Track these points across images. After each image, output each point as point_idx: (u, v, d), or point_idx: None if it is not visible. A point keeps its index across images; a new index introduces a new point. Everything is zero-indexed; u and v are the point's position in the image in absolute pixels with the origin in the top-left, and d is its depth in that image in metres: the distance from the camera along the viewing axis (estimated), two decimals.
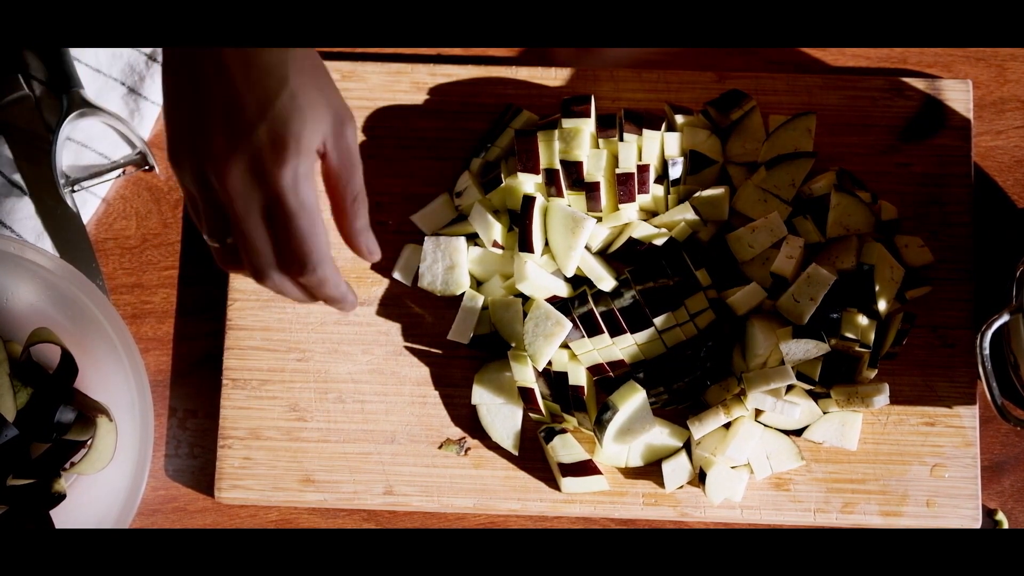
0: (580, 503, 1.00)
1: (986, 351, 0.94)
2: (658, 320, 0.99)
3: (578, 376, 1.00)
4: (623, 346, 0.99)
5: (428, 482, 1.00)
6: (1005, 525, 1.01)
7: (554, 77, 1.06)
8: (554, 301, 1.00)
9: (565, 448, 0.99)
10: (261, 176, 0.75)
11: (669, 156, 1.02)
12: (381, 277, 1.04)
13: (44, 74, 1.07)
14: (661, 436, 1.00)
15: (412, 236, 1.04)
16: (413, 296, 1.03)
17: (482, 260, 1.02)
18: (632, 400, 0.97)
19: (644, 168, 1.01)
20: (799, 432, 1.00)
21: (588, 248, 1.01)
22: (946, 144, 1.05)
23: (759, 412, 0.99)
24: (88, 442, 0.96)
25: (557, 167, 1.00)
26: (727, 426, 0.99)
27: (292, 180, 0.75)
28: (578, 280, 1.01)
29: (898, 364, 1.02)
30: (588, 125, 1.01)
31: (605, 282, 1.00)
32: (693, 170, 1.02)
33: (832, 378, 0.99)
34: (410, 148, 1.05)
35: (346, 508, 1.02)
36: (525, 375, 0.99)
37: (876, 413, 1.01)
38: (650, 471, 1.00)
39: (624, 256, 1.02)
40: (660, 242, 1.00)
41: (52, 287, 0.98)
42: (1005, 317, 0.95)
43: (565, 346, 0.99)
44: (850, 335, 0.98)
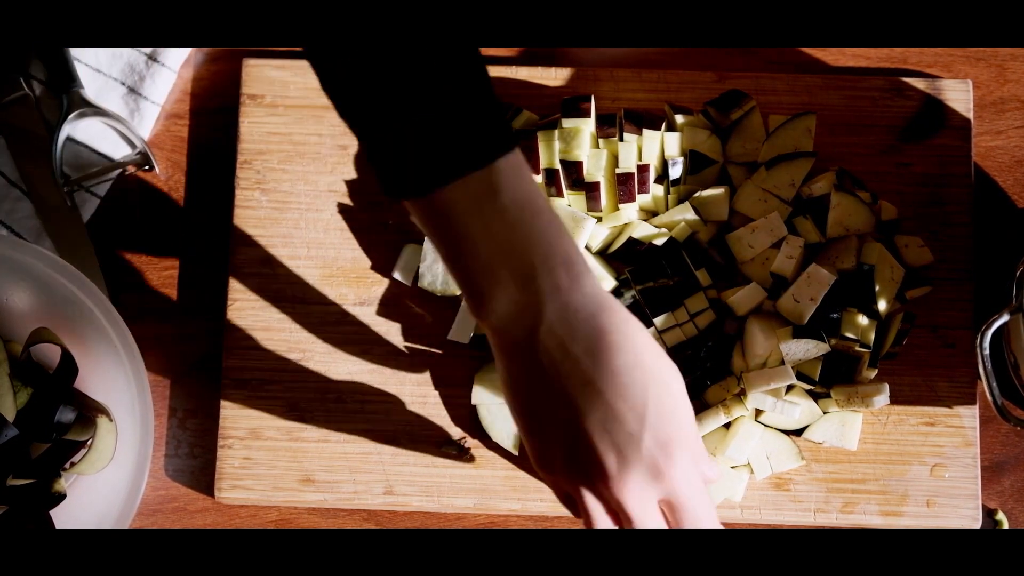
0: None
1: (986, 351, 0.94)
2: (658, 320, 0.99)
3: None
4: None
5: (428, 482, 1.00)
6: (1005, 525, 1.01)
7: (554, 77, 1.06)
8: None
9: None
10: (657, 478, 0.74)
11: (669, 156, 1.02)
12: (381, 277, 1.04)
13: (44, 74, 1.07)
14: None
15: (412, 236, 1.04)
16: (413, 296, 1.03)
17: None
18: None
19: (644, 168, 1.01)
20: (799, 432, 1.00)
21: (588, 248, 1.01)
22: (946, 144, 1.05)
23: (759, 412, 0.99)
24: (88, 442, 0.96)
25: (557, 167, 1.00)
26: (727, 426, 0.99)
27: (684, 471, 0.74)
28: None
29: (898, 364, 1.02)
30: (588, 125, 1.01)
31: (605, 282, 1.00)
32: (693, 170, 1.02)
33: (832, 378, 0.99)
34: None
35: (346, 508, 1.02)
36: None
37: (876, 413, 1.01)
38: None
39: (624, 256, 1.02)
40: (660, 242, 1.00)
41: (52, 287, 0.98)
42: (1005, 317, 0.95)
43: None
44: (850, 335, 0.98)
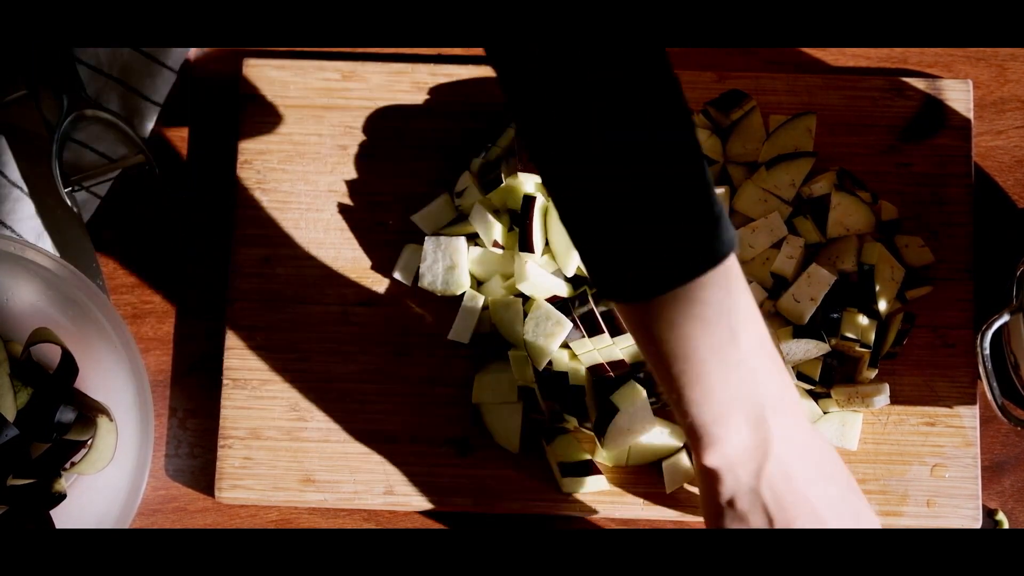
0: (580, 503, 1.00)
1: (986, 351, 0.94)
2: None
3: (578, 376, 1.00)
4: (623, 346, 0.99)
5: (428, 482, 1.00)
6: (1005, 525, 1.01)
7: None
8: (554, 301, 1.00)
9: (565, 448, 0.99)
10: None
11: None
12: (381, 277, 1.04)
13: (45, 74, 1.07)
14: (661, 436, 0.99)
15: (412, 236, 1.04)
16: (413, 296, 1.03)
17: (482, 260, 1.02)
18: (632, 400, 0.97)
19: None
20: None
21: None
22: (946, 144, 1.05)
23: None
24: (88, 442, 0.96)
25: None
26: None
27: None
28: (579, 280, 1.01)
29: (898, 364, 1.02)
30: None
31: None
32: None
33: (832, 378, 0.99)
34: (410, 148, 1.05)
35: (346, 508, 1.02)
36: (525, 375, 0.99)
37: (876, 413, 1.01)
38: (650, 471, 1.00)
39: None
40: None
41: (52, 287, 0.98)
42: (1005, 317, 0.95)
43: (565, 346, 0.99)
44: (851, 335, 0.98)
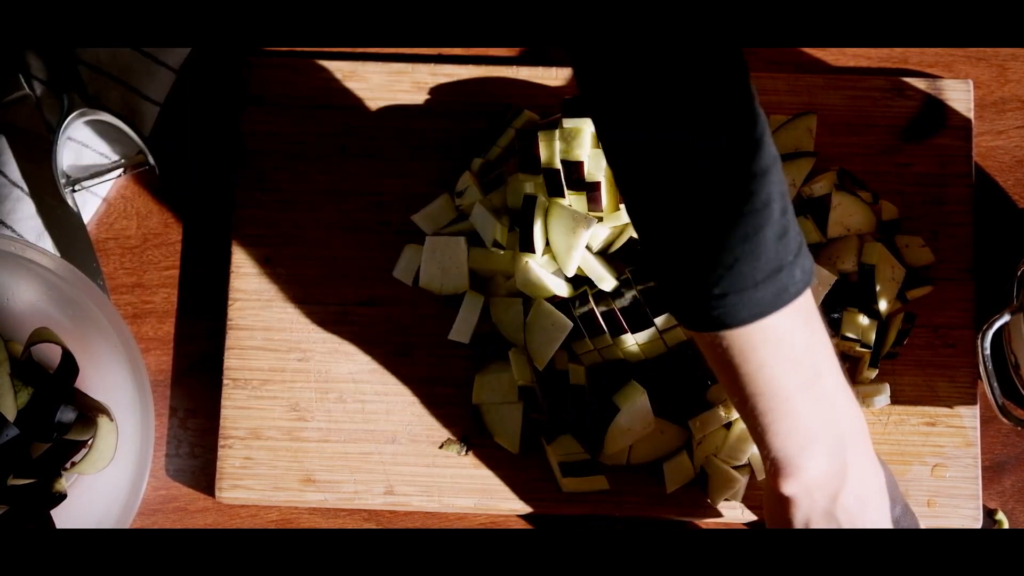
0: (580, 503, 1.00)
1: (987, 351, 0.94)
2: (659, 320, 0.99)
3: (578, 376, 0.99)
4: (624, 346, 0.99)
5: (429, 482, 1.00)
6: (1005, 525, 1.01)
7: (554, 77, 1.06)
8: (555, 301, 1.00)
9: (565, 448, 0.99)
10: None
11: None
12: (381, 277, 1.04)
13: (45, 74, 1.07)
14: (661, 436, 0.99)
15: (412, 236, 1.04)
16: (413, 296, 1.03)
17: (483, 260, 1.02)
18: (632, 400, 0.97)
19: None
20: None
21: (589, 248, 1.01)
22: (947, 144, 1.05)
23: None
24: (88, 442, 0.96)
25: (558, 167, 1.00)
26: (727, 426, 0.99)
27: None
28: (579, 280, 1.01)
29: (899, 364, 1.01)
30: (589, 125, 1.00)
31: (606, 282, 1.00)
32: None
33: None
34: (410, 148, 1.05)
35: (347, 508, 1.02)
36: (525, 375, 0.99)
37: (877, 413, 1.01)
38: (650, 471, 1.00)
39: (624, 256, 1.02)
40: None
41: (53, 287, 0.98)
42: (1006, 317, 0.95)
43: (566, 346, 0.99)
44: (851, 335, 0.98)
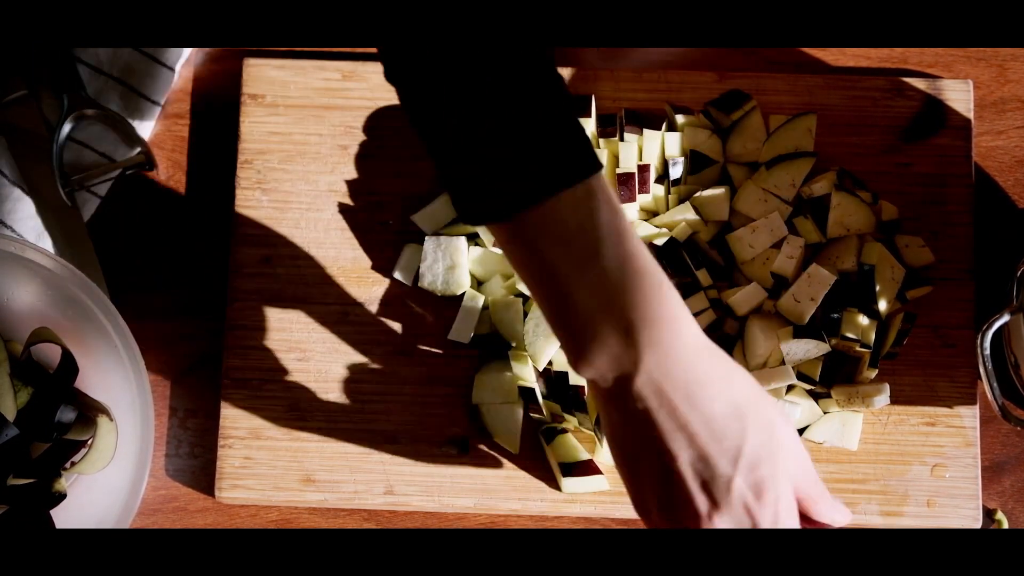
0: (580, 503, 1.00)
1: (987, 351, 0.94)
2: None
3: (578, 376, 0.99)
4: None
5: (428, 482, 1.00)
6: (1005, 525, 1.01)
7: None
8: None
9: (565, 448, 0.99)
10: (748, 521, 0.77)
11: (670, 156, 1.02)
12: (381, 277, 1.04)
13: (45, 74, 1.07)
14: None
15: (412, 236, 1.04)
16: (413, 296, 1.03)
17: (483, 260, 1.02)
18: None
19: (645, 168, 1.01)
20: (800, 432, 1.00)
21: None
22: (947, 144, 1.05)
23: None
24: (88, 442, 0.97)
25: None
26: None
27: (775, 514, 0.77)
28: None
29: (899, 364, 1.01)
30: (588, 125, 1.01)
31: None
32: (693, 170, 1.02)
33: (832, 378, 0.99)
34: (410, 148, 1.05)
35: (346, 508, 1.02)
36: (525, 375, 0.99)
37: (876, 413, 1.01)
38: None
39: None
40: (660, 242, 1.00)
41: (53, 287, 0.98)
42: (1006, 317, 0.95)
43: None
44: (851, 335, 0.98)
